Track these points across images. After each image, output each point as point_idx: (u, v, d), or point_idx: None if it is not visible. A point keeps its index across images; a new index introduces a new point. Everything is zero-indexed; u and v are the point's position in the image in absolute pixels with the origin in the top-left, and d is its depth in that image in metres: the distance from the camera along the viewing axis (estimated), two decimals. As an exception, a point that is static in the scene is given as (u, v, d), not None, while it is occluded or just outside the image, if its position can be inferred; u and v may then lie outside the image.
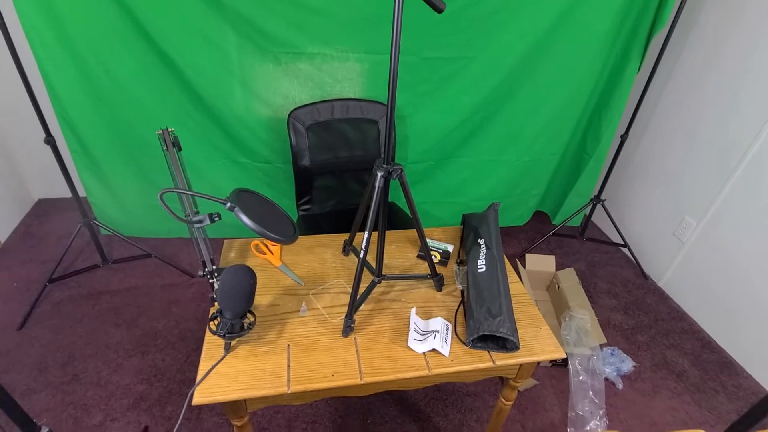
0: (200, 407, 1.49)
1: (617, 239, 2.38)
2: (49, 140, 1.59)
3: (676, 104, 2.03)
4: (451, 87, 1.86)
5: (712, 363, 1.79)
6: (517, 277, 1.22)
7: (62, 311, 1.80)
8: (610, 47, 1.92)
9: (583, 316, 1.71)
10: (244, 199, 0.90)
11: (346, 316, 0.99)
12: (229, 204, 0.85)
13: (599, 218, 2.55)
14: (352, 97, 1.75)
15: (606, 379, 1.67)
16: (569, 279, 1.94)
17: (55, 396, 1.49)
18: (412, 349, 0.98)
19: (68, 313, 1.79)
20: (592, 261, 2.31)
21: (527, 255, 2.07)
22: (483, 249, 1.18)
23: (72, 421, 1.42)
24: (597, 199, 2.29)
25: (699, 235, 1.95)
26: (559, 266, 2.14)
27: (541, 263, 2.03)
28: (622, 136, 2.10)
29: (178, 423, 1.44)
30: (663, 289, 2.14)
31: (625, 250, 2.35)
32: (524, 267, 2.03)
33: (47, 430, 0.85)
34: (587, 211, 2.38)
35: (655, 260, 2.18)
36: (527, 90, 1.92)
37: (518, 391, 1.32)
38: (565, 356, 1.01)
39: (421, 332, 1.02)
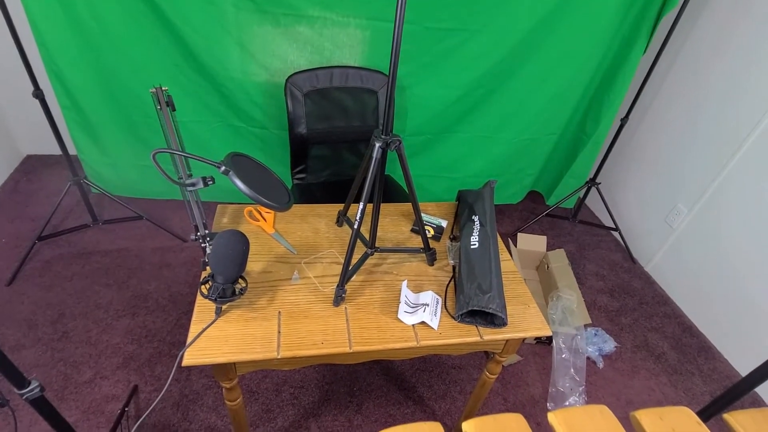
0: (190, 369, 1.51)
1: (609, 223, 2.40)
2: (38, 94, 1.54)
3: (678, 90, 2.01)
4: (453, 60, 1.81)
5: (690, 347, 1.84)
6: (509, 255, 1.23)
7: (52, 269, 1.79)
8: (617, 28, 1.88)
9: (570, 297, 1.73)
10: (238, 163, 0.88)
11: (338, 285, 1.00)
12: (223, 167, 0.83)
13: (593, 201, 2.56)
14: (352, 65, 1.71)
15: (588, 358, 1.71)
16: (559, 260, 1.96)
17: (45, 352, 1.50)
18: (402, 321, 0.99)
19: (58, 271, 1.78)
20: (583, 243, 2.33)
21: (519, 234, 2.09)
22: (477, 226, 1.18)
23: (62, 377, 1.43)
24: (592, 182, 2.29)
25: (689, 222, 1.97)
26: (550, 247, 2.16)
27: (532, 243, 2.05)
28: (622, 120, 2.09)
29: (168, 382, 1.46)
30: (650, 273, 2.18)
31: (616, 234, 2.38)
32: (516, 246, 2.04)
33: (37, 384, 0.86)
34: (581, 193, 2.39)
35: (644, 245, 2.21)
36: (530, 67, 1.88)
37: (503, 366, 1.35)
38: (550, 334, 1.03)
39: (412, 305, 1.03)
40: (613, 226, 2.35)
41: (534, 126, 2.10)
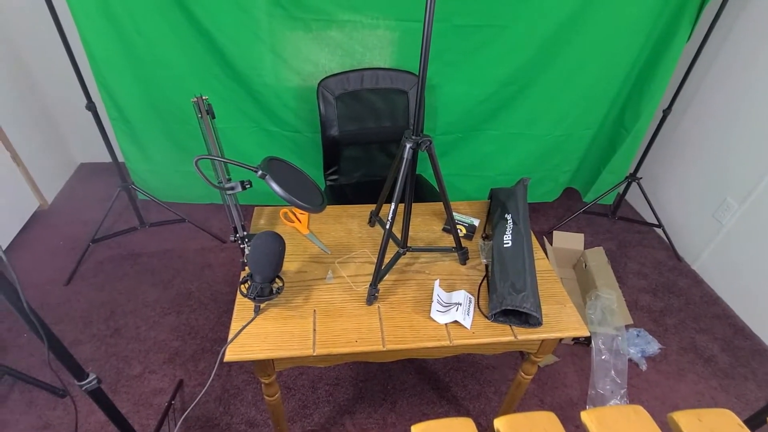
0: (230, 365, 1.57)
1: (651, 219, 2.30)
2: (90, 106, 1.65)
3: (724, 77, 1.90)
4: (482, 57, 1.79)
5: (743, 350, 1.74)
6: (544, 254, 1.21)
7: (104, 270, 1.91)
8: (657, 14, 1.80)
9: (610, 296, 1.68)
10: (274, 167, 0.92)
11: (371, 285, 1.01)
12: (260, 171, 0.86)
13: (633, 197, 2.46)
14: (382, 67, 1.72)
15: (629, 360, 1.65)
16: (597, 258, 1.90)
17: (99, 348, 1.60)
18: (435, 320, 1.00)
19: (110, 271, 1.90)
20: (623, 241, 2.25)
21: (555, 232, 2.04)
22: (510, 224, 1.17)
23: (114, 371, 1.53)
24: (632, 177, 2.20)
25: (740, 217, 1.86)
26: (588, 245, 2.10)
27: (568, 241, 2.00)
28: (664, 111, 2.00)
29: (211, 377, 1.53)
30: (697, 272, 2.08)
31: (659, 231, 2.28)
32: (551, 244, 2.00)
33: (94, 377, 0.92)
34: (621, 189, 2.31)
35: (691, 242, 2.11)
36: (562, 61, 1.83)
37: (538, 366, 1.33)
38: (588, 334, 1.01)
39: (444, 304, 1.03)
40: (656, 223, 2.25)
41: (568, 121, 2.05)
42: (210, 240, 2.09)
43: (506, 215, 1.20)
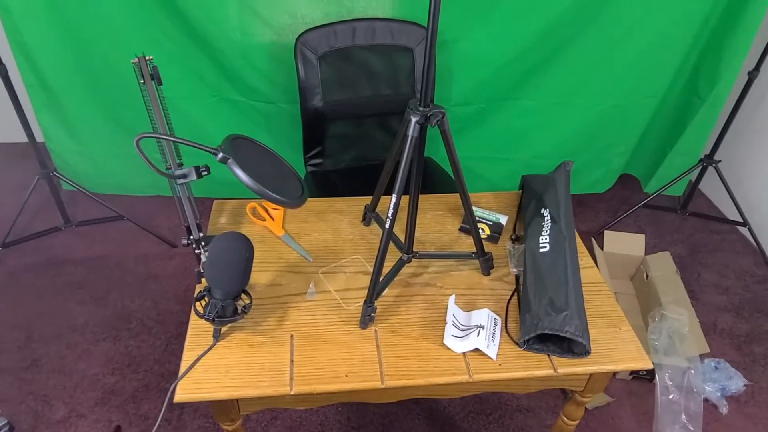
0: (183, 406, 1.57)
1: (733, 215, 2.30)
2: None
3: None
4: (511, 3, 1.79)
5: None
6: (592, 261, 1.21)
7: (18, 283, 1.91)
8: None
9: (680, 317, 1.69)
10: (239, 148, 0.91)
11: (365, 302, 1.01)
12: (221, 154, 0.86)
13: (709, 186, 2.47)
14: (380, 17, 1.72)
15: (706, 401, 1.66)
16: (663, 266, 1.91)
17: (12, 384, 1.61)
18: (449, 348, 1.00)
19: (25, 285, 1.90)
20: (696, 243, 2.25)
21: (607, 232, 2.04)
22: (547, 222, 1.16)
23: (32, 414, 1.53)
24: (708, 160, 2.20)
25: None
26: (651, 249, 2.10)
27: (625, 244, 2.00)
28: (750, 73, 1.99)
29: (156, 424, 1.53)
30: (792, 284, 2.08)
31: (744, 230, 2.28)
32: (602, 248, 2.00)
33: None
34: (693, 176, 2.31)
35: (784, 246, 2.11)
36: (614, 9, 1.83)
37: (586, 408, 1.33)
38: (651, 367, 1.01)
39: (462, 327, 1.03)
40: (740, 220, 2.25)
41: (623, 88, 2.05)
42: (156, 244, 2.09)
43: (543, 210, 1.20)
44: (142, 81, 1.02)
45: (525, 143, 2.18)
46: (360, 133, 1.76)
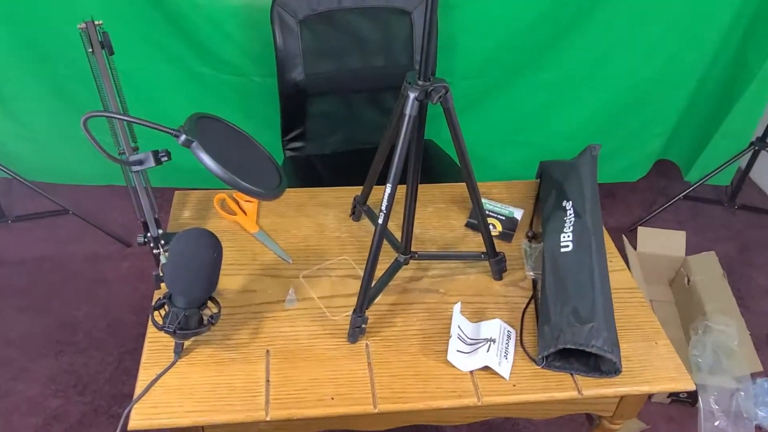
0: (140, 434, 1.57)
1: (789, 208, 2.32)
2: None
3: None
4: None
5: None
6: (623, 263, 1.21)
7: (-58, 288, 1.89)
8: None
9: (727, 329, 1.69)
10: (206, 129, 0.91)
11: (355, 311, 1.01)
12: (183, 136, 0.85)
13: (762, 174, 2.48)
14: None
15: (758, 428, 1.67)
16: (707, 269, 1.91)
17: (-64, 408, 1.60)
18: (454, 366, 1.00)
19: (-49, 291, 1.89)
20: (747, 241, 2.27)
21: (641, 229, 2.05)
22: (570, 217, 1.16)
23: (-40, 443, 1.53)
24: (760, 143, 2.22)
25: None
26: (693, 248, 2.11)
27: (662, 242, 2.01)
28: (808, 43, 2.00)
29: (109, 454, 1.53)
30: None
31: (799, 227, 2.30)
32: (635, 248, 2.01)
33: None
34: (743, 162, 2.31)
35: None
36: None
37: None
38: (693, 388, 1.01)
39: (469, 341, 1.03)
40: (795, 214, 2.27)
41: (660, 57, 2.05)
42: (107, 242, 2.07)
43: (564, 203, 1.20)
44: (90, 50, 1.00)
45: (544, 123, 2.18)
46: (348, 111, 1.75)
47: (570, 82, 2.08)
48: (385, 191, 0.94)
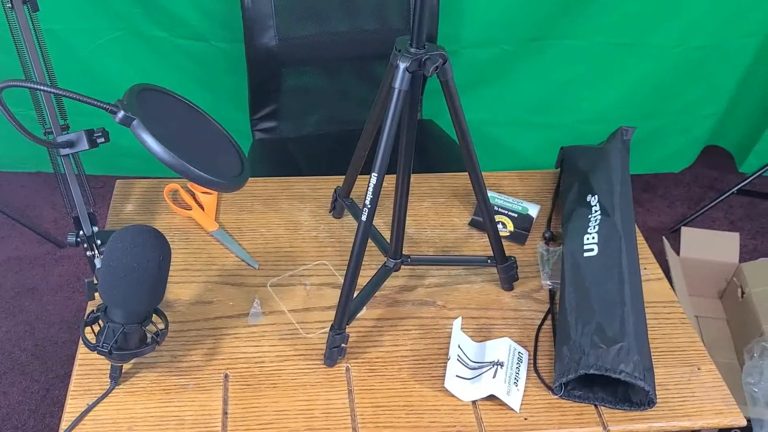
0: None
1: None
2: None
3: None
4: None
5: None
6: (660, 271, 1.21)
7: None
8: None
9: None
10: (151, 104, 0.90)
11: (333, 328, 1.01)
12: (122, 113, 0.85)
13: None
14: None
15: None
16: (766, 279, 1.92)
17: None
18: (453, 395, 1.00)
19: None
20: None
21: (684, 229, 2.05)
22: (596, 215, 1.17)
23: None
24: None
25: None
26: (748, 253, 2.12)
27: (711, 246, 2.02)
28: None
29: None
30: None
31: None
32: (677, 252, 2.01)
33: None
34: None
35: None
36: None
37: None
38: (744, 423, 1.01)
39: (472, 364, 1.03)
40: None
41: (712, 23, 2.06)
42: (36, 243, 2.07)
43: (590, 198, 1.20)
44: (8, 4, 1.00)
45: (567, 101, 2.19)
46: (331, 85, 1.75)
47: (601, 51, 2.08)
48: (370, 182, 0.93)
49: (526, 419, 0.98)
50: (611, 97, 2.19)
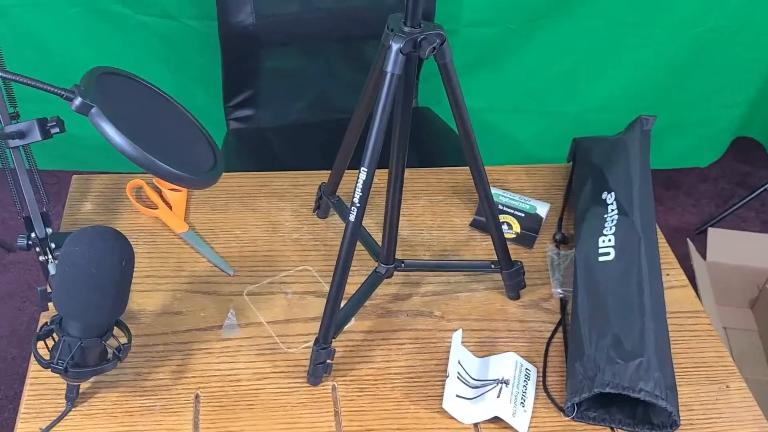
0: None
1: None
2: None
3: None
4: None
5: None
6: (684, 277, 1.21)
7: None
8: None
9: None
10: (111, 90, 0.90)
11: (318, 342, 1.01)
12: (78, 99, 0.84)
13: None
14: None
15: None
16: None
17: None
18: (452, 417, 0.99)
19: None
20: None
21: (711, 230, 2.06)
22: (613, 214, 1.17)
23: None
24: None
25: None
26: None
27: (742, 249, 2.03)
28: None
29: None
30: None
31: None
32: (704, 257, 2.01)
33: None
34: None
35: None
36: None
37: None
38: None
39: (473, 382, 1.03)
40: None
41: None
42: (-19, 245, 2.06)
43: (605, 195, 1.20)
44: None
45: (579, 87, 2.20)
46: (315, 68, 1.75)
47: (616, 31, 2.09)
48: (359, 177, 0.93)
49: (534, 443, 0.98)
50: (625, 82, 2.20)
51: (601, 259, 1.12)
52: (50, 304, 0.98)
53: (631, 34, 2.10)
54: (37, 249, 1.05)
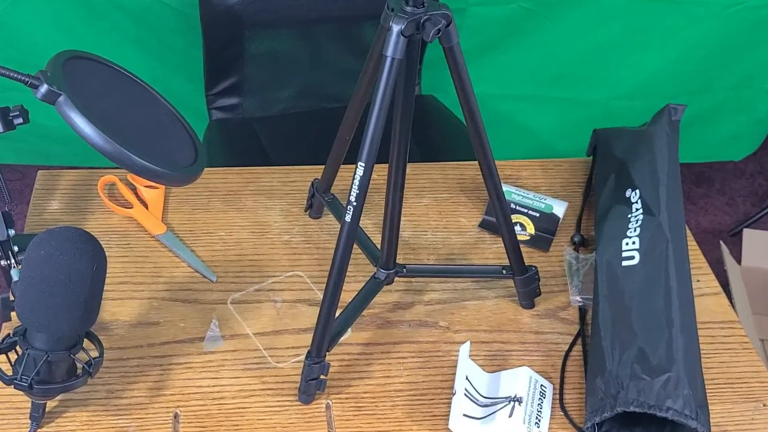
0: None
1: None
2: None
3: None
4: None
5: None
6: (717, 284, 1.22)
7: None
8: None
9: None
10: (80, 76, 0.90)
11: (310, 355, 1.01)
12: (44, 86, 0.84)
13: None
14: None
15: None
16: None
17: None
18: (459, 438, 1.00)
19: None
20: None
21: (747, 232, 2.06)
22: (637, 214, 1.17)
23: None
24: None
25: None
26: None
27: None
28: None
29: None
30: None
31: None
32: (739, 261, 2.01)
33: None
34: None
35: None
36: None
37: None
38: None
39: (483, 400, 1.03)
40: None
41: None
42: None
43: (629, 192, 1.21)
44: None
45: (602, 71, 2.20)
46: (306, 52, 1.75)
47: (639, 9, 2.08)
48: (356, 173, 0.93)
49: (550, 468, 0.99)
50: (652, 67, 2.20)
51: (624, 263, 1.12)
52: (13, 314, 0.98)
53: (663, 11, 2.09)
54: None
